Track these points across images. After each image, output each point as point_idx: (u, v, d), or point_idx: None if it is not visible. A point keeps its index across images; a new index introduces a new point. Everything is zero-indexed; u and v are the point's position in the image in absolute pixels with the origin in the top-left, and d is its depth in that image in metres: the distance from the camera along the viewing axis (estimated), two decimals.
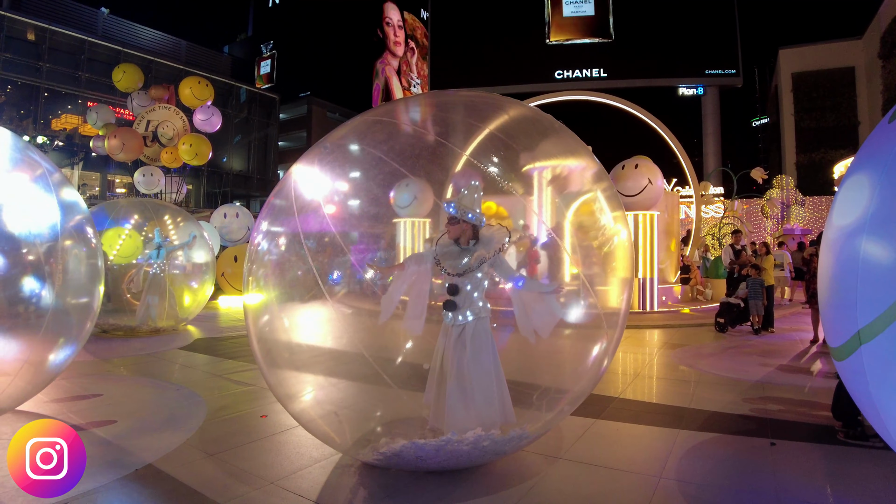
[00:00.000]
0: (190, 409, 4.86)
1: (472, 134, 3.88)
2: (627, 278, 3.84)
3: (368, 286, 4.10)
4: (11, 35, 26.30)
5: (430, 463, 3.31)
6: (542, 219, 3.76)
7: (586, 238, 3.88)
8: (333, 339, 4.35)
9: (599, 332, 3.63)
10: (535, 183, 4.00)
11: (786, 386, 5.82)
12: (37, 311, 4.34)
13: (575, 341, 4.01)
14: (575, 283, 3.72)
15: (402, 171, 3.81)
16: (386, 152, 3.81)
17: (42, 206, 4.40)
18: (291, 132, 43.53)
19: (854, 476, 3.48)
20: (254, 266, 3.84)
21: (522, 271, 3.93)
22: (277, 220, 3.87)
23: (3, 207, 4.20)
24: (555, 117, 3.89)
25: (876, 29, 29.16)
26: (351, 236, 4.07)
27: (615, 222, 3.85)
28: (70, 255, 4.57)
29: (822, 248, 2.73)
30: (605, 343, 3.67)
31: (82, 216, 4.86)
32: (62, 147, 25.84)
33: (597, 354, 3.70)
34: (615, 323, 3.71)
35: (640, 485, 3.33)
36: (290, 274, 3.97)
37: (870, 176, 2.38)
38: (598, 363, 3.72)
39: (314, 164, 3.91)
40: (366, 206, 4.16)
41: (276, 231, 3.92)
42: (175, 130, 14.22)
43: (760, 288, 9.31)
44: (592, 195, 3.93)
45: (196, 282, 10.55)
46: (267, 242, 3.95)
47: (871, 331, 2.31)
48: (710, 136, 32.04)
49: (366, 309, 4.07)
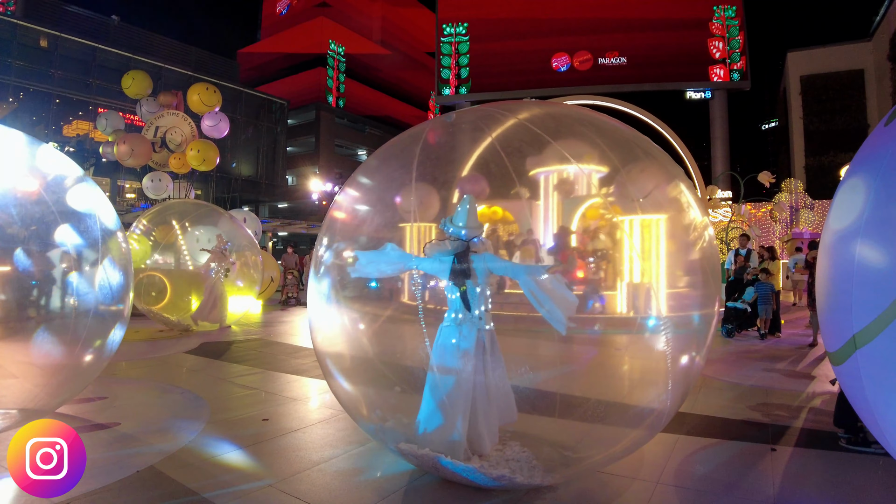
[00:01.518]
0: (193, 412, 4.91)
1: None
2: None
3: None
4: (24, 43, 26.70)
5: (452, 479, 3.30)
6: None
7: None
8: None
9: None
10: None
11: (789, 391, 5.78)
12: (73, 316, 4.43)
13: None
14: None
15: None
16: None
17: (77, 214, 4.49)
18: (300, 137, 43.79)
19: (855, 483, 3.45)
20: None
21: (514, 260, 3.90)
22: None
23: (42, 216, 4.30)
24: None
25: (885, 31, 28.92)
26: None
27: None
28: (104, 261, 4.62)
29: (820, 252, 2.72)
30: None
31: (113, 222, 4.90)
32: (73, 153, 26.17)
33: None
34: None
35: (637, 490, 3.32)
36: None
37: (865, 179, 2.37)
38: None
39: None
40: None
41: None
42: (183, 136, 14.37)
43: (770, 293, 9.26)
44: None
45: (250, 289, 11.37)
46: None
47: (867, 335, 2.30)
48: (719, 139, 31.78)
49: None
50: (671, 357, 3.21)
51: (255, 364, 7.15)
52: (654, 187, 3.90)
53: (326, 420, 4.72)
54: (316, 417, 4.84)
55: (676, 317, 3.49)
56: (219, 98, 15.25)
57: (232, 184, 35.72)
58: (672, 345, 3.23)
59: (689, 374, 3.41)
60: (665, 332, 3.28)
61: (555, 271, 3.32)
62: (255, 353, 8.06)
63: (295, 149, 44.07)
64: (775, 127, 43.29)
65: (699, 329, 3.46)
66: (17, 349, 4.61)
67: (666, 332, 3.27)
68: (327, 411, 5.00)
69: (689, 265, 3.81)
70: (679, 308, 3.60)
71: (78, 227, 4.45)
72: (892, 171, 2.20)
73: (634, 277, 4.18)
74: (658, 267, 4.03)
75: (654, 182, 3.89)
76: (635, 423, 3.54)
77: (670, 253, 3.89)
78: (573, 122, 4.02)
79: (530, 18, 32.67)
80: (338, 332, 3.92)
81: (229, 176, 35.42)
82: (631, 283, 4.22)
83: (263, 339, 9.35)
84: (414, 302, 3.53)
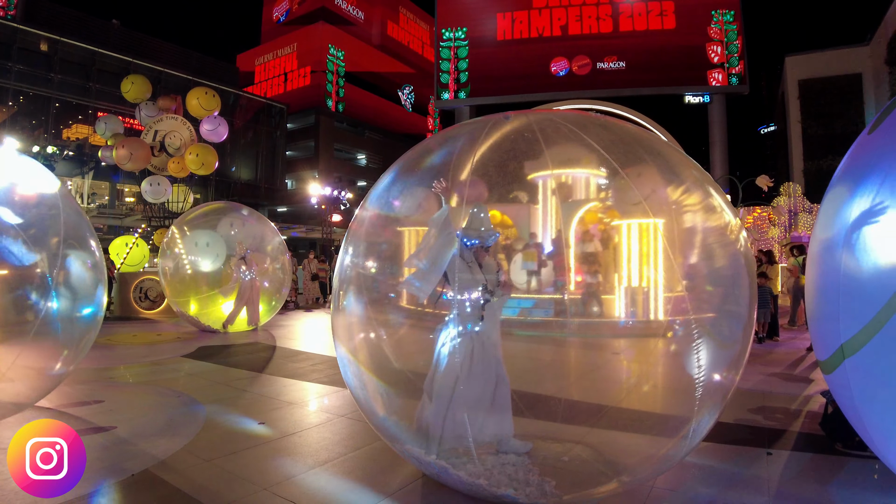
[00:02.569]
0: (189, 416, 4.92)
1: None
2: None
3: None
4: (24, 47, 26.78)
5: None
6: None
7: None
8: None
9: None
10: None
11: (786, 395, 5.79)
12: (40, 319, 4.42)
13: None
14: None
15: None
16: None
17: (44, 216, 4.50)
18: (299, 142, 43.85)
19: (851, 486, 3.45)
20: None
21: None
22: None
23: (6, 217, 4.30)
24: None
25: (883, 35, 29.01)
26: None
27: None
28: (72, 265, 4.65)
29: (808, 261, 2.74)
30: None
31: (83, 227, 4.94)
32: (73, 157, 26.20)
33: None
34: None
35: (632, 493, 3.33)
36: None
37: (850, 188, 2.39)
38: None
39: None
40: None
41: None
42: (182, 140, 14.38)
43: (769, 297, 9.28)
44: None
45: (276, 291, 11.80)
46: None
47: (854, 344, 2.31)
48: (717, 143, 31.82)
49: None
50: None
51: (252, 368, 7.16)
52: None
53: (323, 424, 4.73)
54: (313, 421, 4.85)
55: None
56: (218, 102, 15.26)
57: (231, 188, 35.77)
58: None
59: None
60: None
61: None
62: (252, 356, 8.07)
63: (294, 153, 44.12)
64: (774, 131, 43.38)
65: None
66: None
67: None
68: (324, 415, 5.02)
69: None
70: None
71: (41, 229, 4.47)
72: (876, 179, 2.22)
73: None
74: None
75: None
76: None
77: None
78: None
79: (529, 25, 32.77)
80: (361, 332, 3.94)
81: (228, 180, 35.48)
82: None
83: (261, 342, 9.36)
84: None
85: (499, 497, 3.12)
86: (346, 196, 27.79)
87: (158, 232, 14.77)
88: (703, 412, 3.18)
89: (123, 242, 14.66)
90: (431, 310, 3.64)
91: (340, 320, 3.90)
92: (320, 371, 7.03)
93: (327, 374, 6.85)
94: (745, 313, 3.14)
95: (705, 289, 3.55)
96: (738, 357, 3.17)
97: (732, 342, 3.23)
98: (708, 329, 3.15)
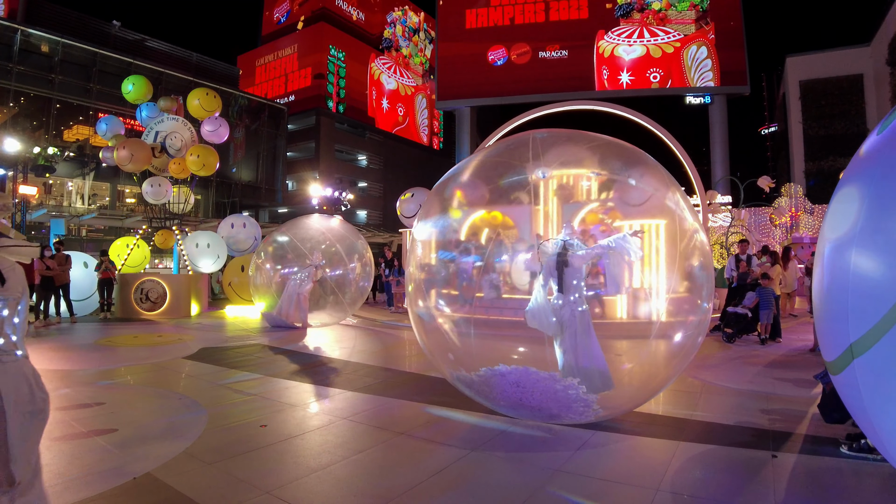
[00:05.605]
0: (190, 419, 4.89)
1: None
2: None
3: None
4: (25, 48, 26.78)
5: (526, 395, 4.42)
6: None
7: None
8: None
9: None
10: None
11: (790, 397, 5.76)
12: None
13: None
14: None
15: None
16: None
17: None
18: (300, 143, 43.86)
19: (856, 490, 3.43)
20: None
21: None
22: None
23: None
24: (561, 127, 4.11)
25: (884, 36, 29.02)
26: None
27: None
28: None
29: (815, 261, 2.72)
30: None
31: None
32: (74, 158, 26.19)
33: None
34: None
35: (637, 497, 3.30)
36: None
37: (859, 188, 2.37)
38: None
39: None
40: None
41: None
42: (183, 141, 14.38)
43: (772, 297, 9.25)
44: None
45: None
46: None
47: (863, 344, 2.29)
48: (718, 144, 31.84)
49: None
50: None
51: (254, 370, 7.14)
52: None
53: (325, 426, 4.71)
54: (315, 424, 4.83)
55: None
56: (219, 103, 15.27)
57: (232, 189, 35.78)
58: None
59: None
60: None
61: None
62: (253, 358, 8.05)
63: (295, 154, 44.13)
64: (775, 132, 43.38)
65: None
66: None
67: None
68: (326, 417, 4.99)
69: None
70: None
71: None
72: (885, 179, 2.20)
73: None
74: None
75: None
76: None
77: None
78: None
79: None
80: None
81: (229, 181, 35.48)
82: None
83: (262, 344, 9.34)
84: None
85: (565, 387, 4.40)
86: (346, 197, 27.78)
87: (159, 233, 14.76)
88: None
89: (124, 244, 14.65)
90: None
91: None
92: (322, 373, 7.01)
93: (329, 376, 6.83)
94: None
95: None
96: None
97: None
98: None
